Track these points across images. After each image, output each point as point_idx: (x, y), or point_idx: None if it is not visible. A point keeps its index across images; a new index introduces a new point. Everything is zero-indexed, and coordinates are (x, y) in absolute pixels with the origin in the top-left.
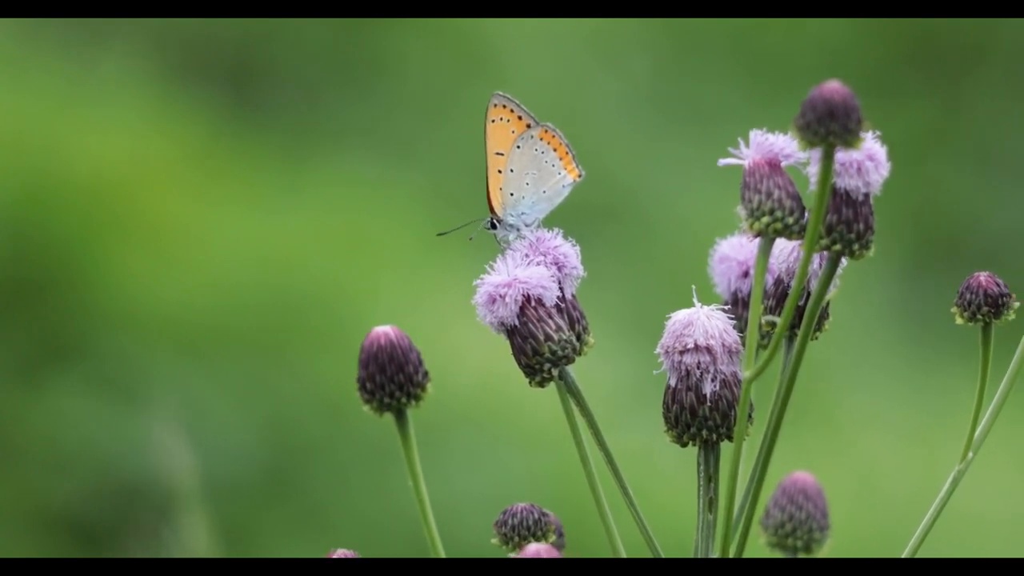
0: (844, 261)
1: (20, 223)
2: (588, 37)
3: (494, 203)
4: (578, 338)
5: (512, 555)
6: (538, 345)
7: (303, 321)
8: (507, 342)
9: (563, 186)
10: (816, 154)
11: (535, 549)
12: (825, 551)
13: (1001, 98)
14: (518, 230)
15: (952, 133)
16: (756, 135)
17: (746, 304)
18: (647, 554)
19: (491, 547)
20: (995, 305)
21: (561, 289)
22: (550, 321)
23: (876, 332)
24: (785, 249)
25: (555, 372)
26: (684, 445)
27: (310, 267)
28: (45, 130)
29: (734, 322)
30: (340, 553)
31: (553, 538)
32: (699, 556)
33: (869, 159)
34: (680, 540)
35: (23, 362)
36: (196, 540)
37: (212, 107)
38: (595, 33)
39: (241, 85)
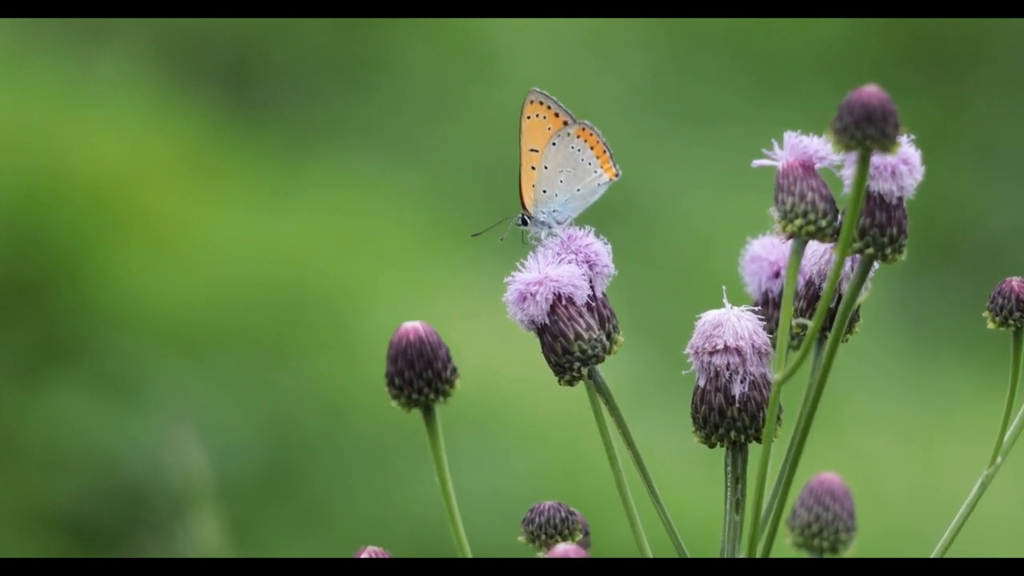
0: (876, 264)
1: (20, 223)
2: (588, 37)
3: (526, 200)
4: (608, 337)
5: (539, 554)
6: (568, 344)
7: (303, 320)
8: (513, 341)
9: (598, 185)
10: (851, 157)
11: (563, 550)
12: (852, 552)
13: (1001, 98)
14: (549, 227)
15: (952, 133)
16: (790, 137)
17: (776, 304)
18: (666, 553)
19: (493, 545)
20: None
21: (592, 287)
22: (580, 320)
23: (876, 332)
24: (817, 251)
25: (585, 371)
26: (712, 446)
27: (310, 267)
28: (45, 130)
29: (764, 323)
30: (369, 551)
31: (580, 537)
32: (726, 556)
33: (903, 163)
34: (688, 538)
35: (23, 362)
36: (203, 539)
37: (212, 107)
38: (595, 33)
39: (240, 85)
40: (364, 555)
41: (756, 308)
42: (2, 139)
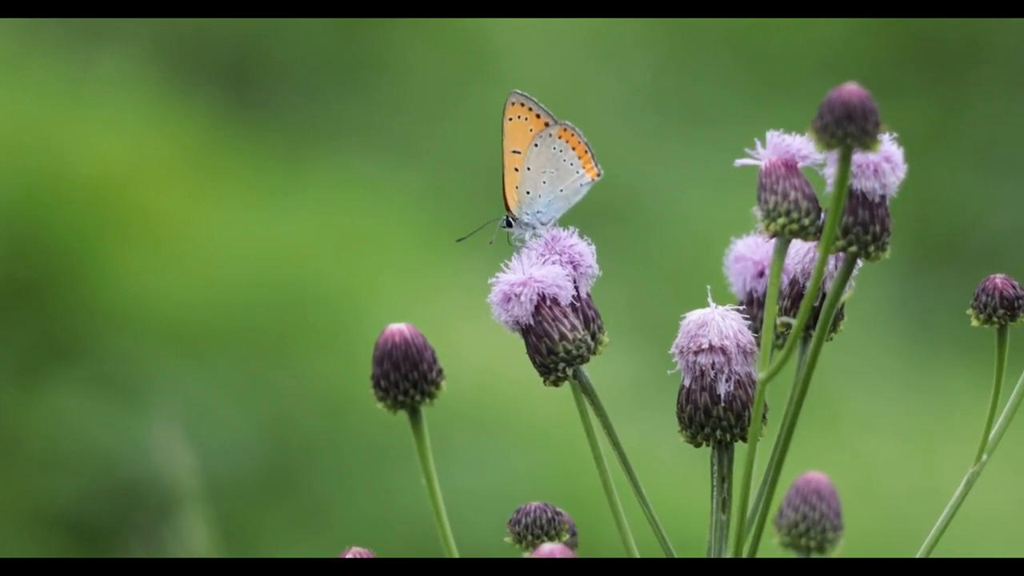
0: (860, 263)
1: (20, 223)
2: (588, 37)
3: (510, 201)
4: (593, 337)
5: (526, 554)
6: (553, 344)
7: (303, 320)
8: (512, 341)
9: (581, 185)
10: (833, 156)
11: (549, 549)
12: (838, 551)
13: (1001, 98)
14: (533, 228)
15: (952, 133)
16: (773, 136)
17: (761, 304)
18: (656, 553)
19: (493, 546)
20: (1011, 307)
21: (576, 288)
22: (565, 320)
23: (875, 332)
24: (800, 250)
25: (570, 371)
26: (698, 445)
27: (310, 267)
28: (45, 130)
29: (748, 322)
30: (354, 552)
31: (566, 537)
32: (712, 556)
33: (886, 161)
34: (683, 538)
35: (23, 362)
36: (196, 540)
37: (212, 107)
38: (595, 33)
39: (240, 85)
40: (349, 556)
41: (741, 307)
42: (2, 139)
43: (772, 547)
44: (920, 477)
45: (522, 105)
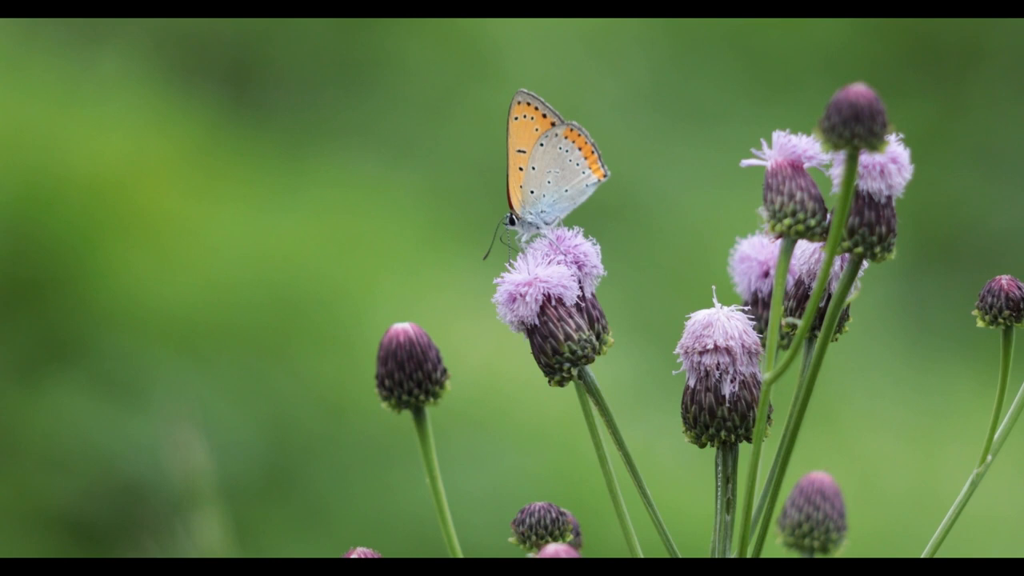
0: (865, 263)
1: (20, 222)
2: (588, 37)
3: (513, 200)
4: (597, 337)
5: (530, 555)
6: (558, 344)
7: (303, 320)
8: (512, 340)
9: (587, 185)
10: (840, 156)
11: (554, 550)
12: (842, 551)
13: (1001, 98)
14: (537, 228)
15: (952, 133)
16: (779, 136)
17: (766, 304)
18: (659, 554)
19: (492, 546)
20: (1016, 308)
21: (581, 288)
22: (570, 320)
23: (875, 332)
24: (806, 251)
25: (575, 372)
26: (702, 446)
27: (310, 266)
28: (45, 130)
29: (753, 322)
30: (359, 552)
31: (570, 537)
32: (717, 556)
33: (892, 162)
34: (685, 538)
35: (23, 362)
36: (205, 539)
37: (211, 107)
38: (595, 33)
39: (240, 84)
40: (354, 556)
41: (746, 308)
42: (2, 139)
43: (776, 547)
44: (920, 477)
45: (528, 104)
